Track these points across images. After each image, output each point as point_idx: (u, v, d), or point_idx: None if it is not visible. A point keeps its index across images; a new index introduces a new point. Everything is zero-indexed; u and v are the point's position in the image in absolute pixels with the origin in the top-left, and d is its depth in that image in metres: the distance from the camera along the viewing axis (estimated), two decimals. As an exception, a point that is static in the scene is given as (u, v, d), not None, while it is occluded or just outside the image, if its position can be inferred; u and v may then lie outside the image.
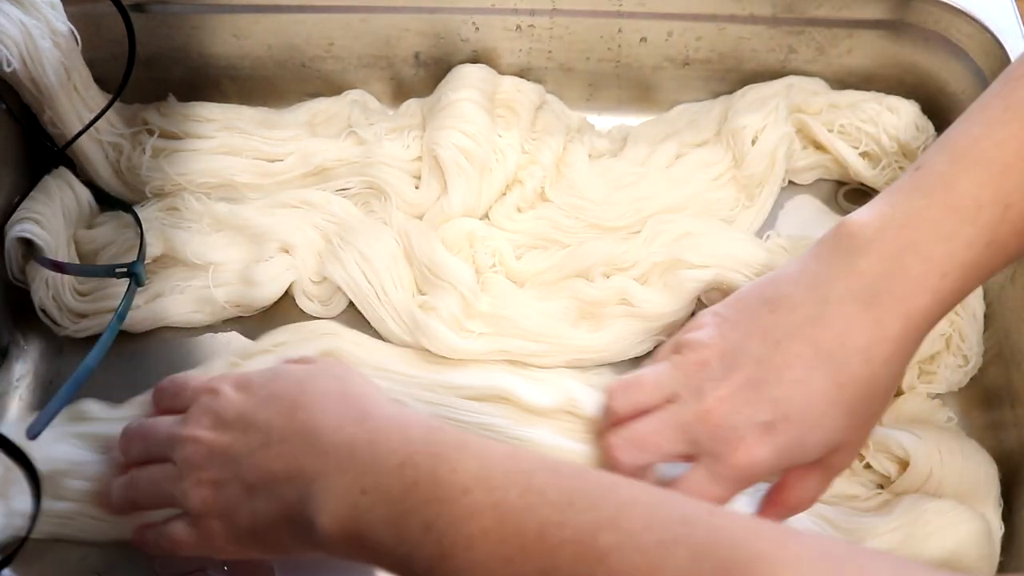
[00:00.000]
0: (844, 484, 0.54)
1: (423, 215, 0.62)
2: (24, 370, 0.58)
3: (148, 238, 0.58)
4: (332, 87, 0.67)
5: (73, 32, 0.56)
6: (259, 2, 0.63)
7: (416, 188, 0.63)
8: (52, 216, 0.57)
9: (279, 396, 0.44)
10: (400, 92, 0.68)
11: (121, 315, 0.55)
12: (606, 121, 0.68)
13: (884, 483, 0.54)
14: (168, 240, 0.59)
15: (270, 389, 0.45)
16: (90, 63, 0.59)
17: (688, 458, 0.47)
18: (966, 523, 0.51)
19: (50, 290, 0.57)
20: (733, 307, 0.49)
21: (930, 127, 0.64)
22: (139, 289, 0.57)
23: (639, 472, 0.48)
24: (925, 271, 0.44)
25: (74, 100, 0.58)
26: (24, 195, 0.58)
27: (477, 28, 0.64)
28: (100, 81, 0.60)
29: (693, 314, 0.60)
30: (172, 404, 0.49)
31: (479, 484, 0.38)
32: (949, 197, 0.44)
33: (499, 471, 0.38)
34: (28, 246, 0.57)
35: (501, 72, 0.66)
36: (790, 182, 0.66)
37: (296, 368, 0.47)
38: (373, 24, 0.64)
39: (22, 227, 0.56)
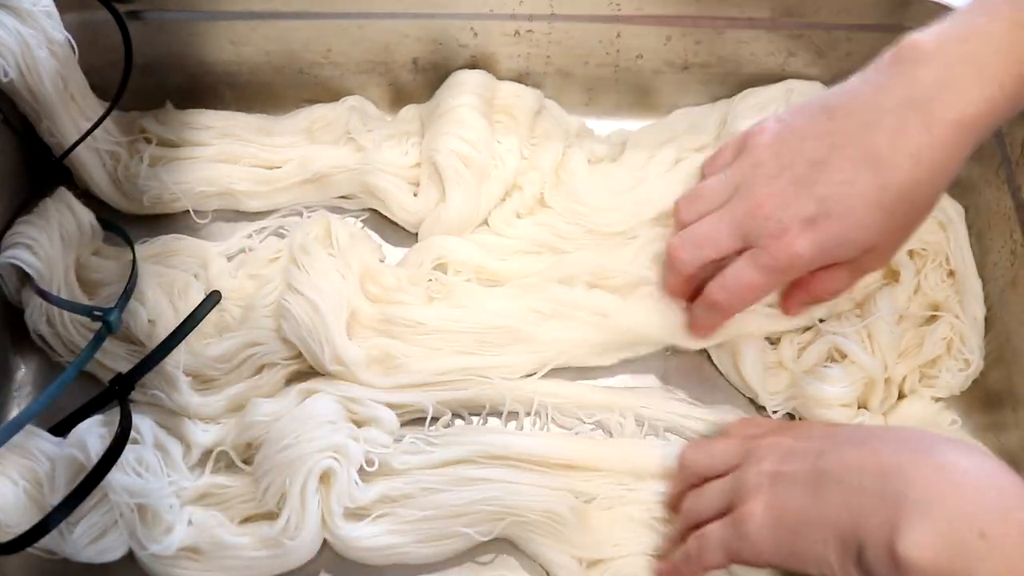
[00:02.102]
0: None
1: (421, 222, 0.62)
2: (24, 388, 0.58)
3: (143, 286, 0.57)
4: (330, 93, 0.66)
5: (70, 41, 0.56)
6: (257, 9, 0.63)
7: (415, 195, 0.62)
8: (48, 242, 0.55)
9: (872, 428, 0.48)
10: (398, 98, 0.68)
11: (82, 360, 0.53)
12: (605, 126, 0.68)
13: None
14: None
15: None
16: (87, 71, 0.59)
17: (740, 252, 0.51)
18: None
19: (44, 315, 0.56)
20: (795, 113, 0.52)
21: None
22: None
23: (700, 269, 0.53)
24: (979, 81, 0.45)
25: (71, 109, 0.58)
26: (22, 204, 0.57)
27: (475, 33, 0.64)
28: (98, 89, 0.60)
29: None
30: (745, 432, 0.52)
31: None
32: (1012, 13, 0.46)
33: None
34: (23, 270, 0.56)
35: (499, 77, 0.66)
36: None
37: None
38: (371, 30, 0.64)
39: (13, 253, 0.54)
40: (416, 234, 0.63)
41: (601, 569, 0.52)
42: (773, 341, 0.60)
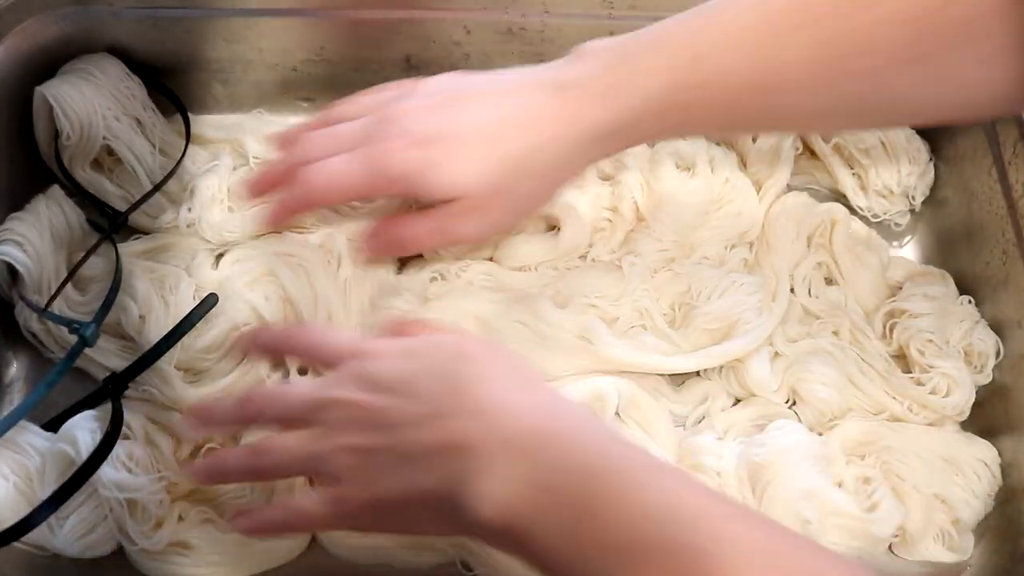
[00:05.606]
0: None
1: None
2: (16, 384, 0.58)
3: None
4: (324, 91, 0.66)
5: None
6: (250, 6, 0.63)
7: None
8: (37, 239, 0.55)
9: (444, 366, 0.42)
10: (392, 96, 0.68)
11: (59, 372, 0.52)
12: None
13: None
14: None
15: (433, 358, 0.43)
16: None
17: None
18: None
19: (34, 312, 0.55)
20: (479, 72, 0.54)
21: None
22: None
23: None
24: (615, 93, 0.48)
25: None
26: (13, 201, 0.57)
27: (468, 31, 0.64)
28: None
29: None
30: (309, 357, 0.48)
31: (669, 518, 0.35)
32: (668, 65, 0.48)
33: (690, 510, 0.36)
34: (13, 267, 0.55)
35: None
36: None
37: (453, 338, 0.45)
38: (364, 27, 0.64)
39: (3, 250, 0.54)
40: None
41: None
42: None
